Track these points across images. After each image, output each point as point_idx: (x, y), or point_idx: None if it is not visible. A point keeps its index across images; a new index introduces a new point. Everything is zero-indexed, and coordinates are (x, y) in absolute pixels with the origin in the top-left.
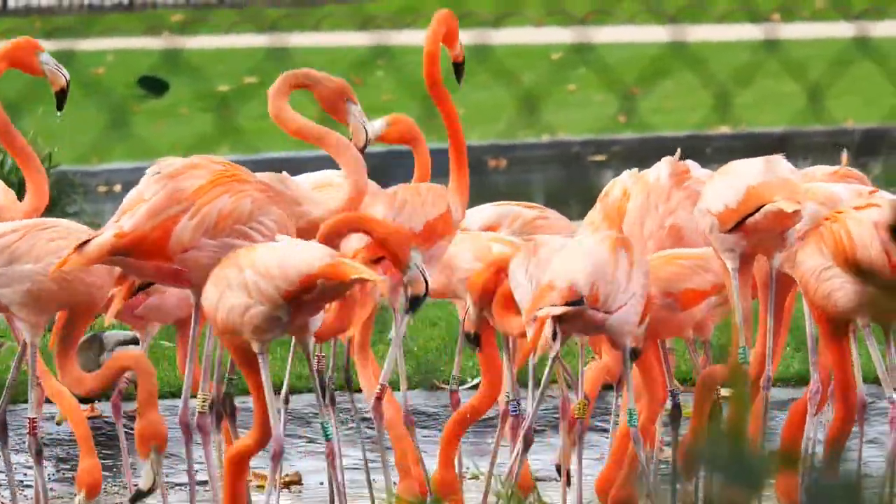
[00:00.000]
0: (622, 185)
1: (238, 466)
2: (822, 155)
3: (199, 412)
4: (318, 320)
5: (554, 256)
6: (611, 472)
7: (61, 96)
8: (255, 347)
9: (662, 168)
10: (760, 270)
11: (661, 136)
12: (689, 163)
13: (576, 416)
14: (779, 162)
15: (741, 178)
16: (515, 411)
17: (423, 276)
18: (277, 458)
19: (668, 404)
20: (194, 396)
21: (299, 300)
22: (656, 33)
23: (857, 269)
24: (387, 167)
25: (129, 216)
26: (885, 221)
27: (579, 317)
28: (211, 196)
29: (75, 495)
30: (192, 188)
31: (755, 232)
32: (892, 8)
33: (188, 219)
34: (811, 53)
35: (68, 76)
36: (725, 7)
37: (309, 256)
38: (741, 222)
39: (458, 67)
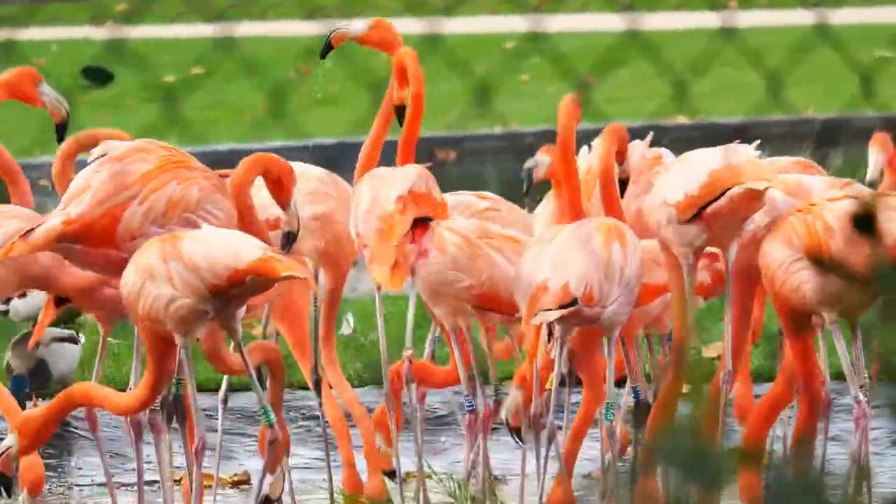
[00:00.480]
0: (586, 163)
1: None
2: (782, 145)
3: (151, 410)
4: (244, 308)
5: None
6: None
7: (62, 129)
8: (179, 341)
9: (636, 150)
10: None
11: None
12: (662, 150)
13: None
14: (738, 149)
15: (701, 164)
16: (471, 406)
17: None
18: (199, 454)
19: (631, 401)
20: None
21: (226, 294)
22: (611, 21)
23: (827, 262)
24: (339, 159)
25: (76, 203)
26: (849, 213)
27: (575, 315)
28: (159, 182)
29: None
30: (139, 173)
31: (716, 219)
32: None
33: (137, 205)
34: (770, 41)
35: (69, 108)
36: None
37: (238, 251)
38: (702, 210)
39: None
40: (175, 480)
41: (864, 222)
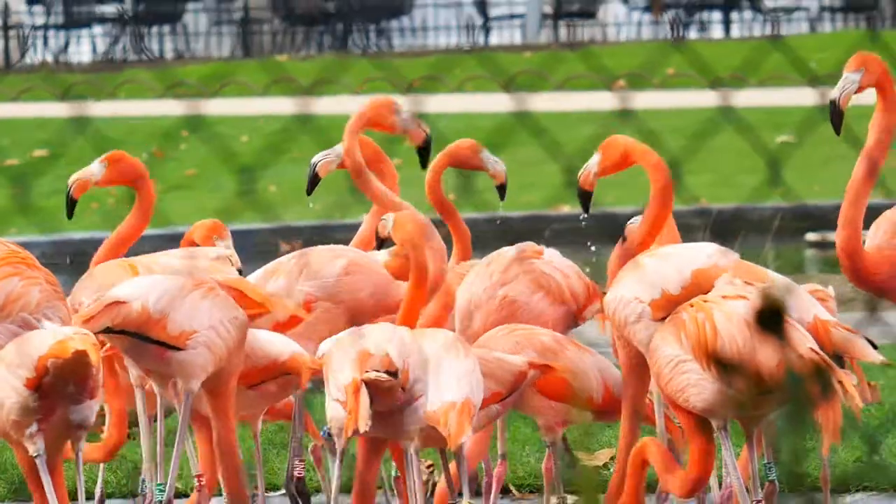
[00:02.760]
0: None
1: None
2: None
3: None
4: (93, 414)
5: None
6: None
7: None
8: (31, 450)
9: (512, 249)
10: None
11: (497, 216)
12: (550, 250)
13: None
14: (716, 248)
15: (683, 263)
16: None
17: None
18: None
19: None
20: None
21: (43, 387)
22: (494, 102)
23: (717, 365)
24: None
25: None
26: (752, 309)
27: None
28: (0, 276)
29: None
30: None
31: None
32: (754, 76)
33: None
34: (666, 125)
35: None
36: (567, 72)
37: (44, 339)
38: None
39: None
40: None
41: (770, 321)
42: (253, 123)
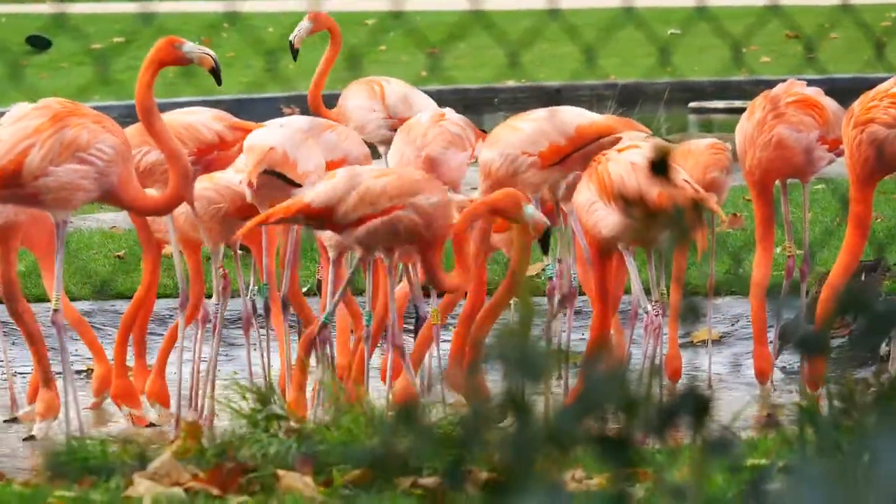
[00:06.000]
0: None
1: None
2: (592, 104)
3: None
4: None
5: None
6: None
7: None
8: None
9: (423, 113)
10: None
11: (458, 88)
12: (447, 110)
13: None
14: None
15: (567, 120)
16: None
17: None
18: None
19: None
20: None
21: None
22: (456, 3)
23: (615, 200)
24: (237, 112)
25: None
26: (646, 160)
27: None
28: (54, 130)
29: None
30: (36, 125)
31: (574, 165)
32: None
33: (36, 150)
34: (585, 21)
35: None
36: None
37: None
38: (565, 158)
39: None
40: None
41: (659, 167)
42: (276, 18)
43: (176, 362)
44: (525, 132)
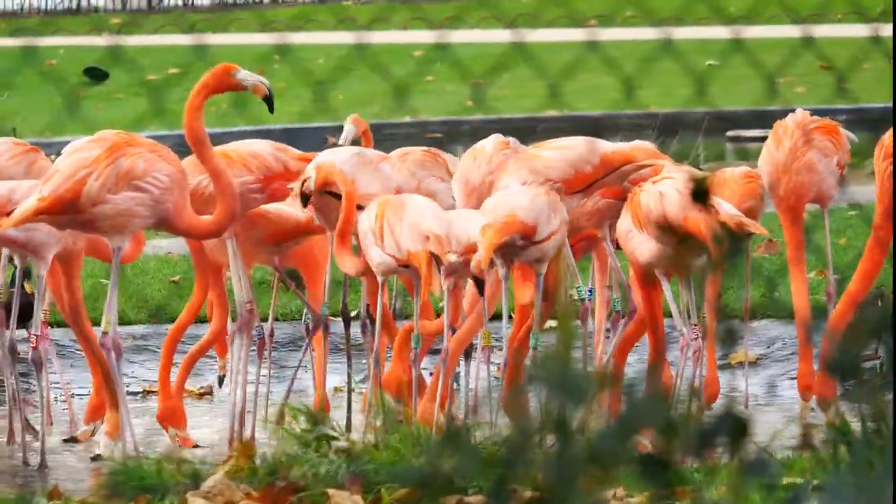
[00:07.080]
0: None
1: None
2: (631, 134)
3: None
4: None
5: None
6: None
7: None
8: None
9: (489, 140)
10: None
11: (501, 118)
12: (510, 139)
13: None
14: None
15: (596, 146)
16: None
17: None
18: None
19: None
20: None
21: None
22: (499, 35)
23: (652, 229)
24: (285, 141)
25: (49, 184)
26: (687, 190)
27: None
28: (111, 160)
29: None
30: (94, 156)
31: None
32: (690, 17)
33: (94, 179)
34: (624, 53)
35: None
36: (554, 14)
37: None
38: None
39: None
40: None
41: (699, 196)
42: (326, 50)
43: (230, 384)
44: (551, 160)
